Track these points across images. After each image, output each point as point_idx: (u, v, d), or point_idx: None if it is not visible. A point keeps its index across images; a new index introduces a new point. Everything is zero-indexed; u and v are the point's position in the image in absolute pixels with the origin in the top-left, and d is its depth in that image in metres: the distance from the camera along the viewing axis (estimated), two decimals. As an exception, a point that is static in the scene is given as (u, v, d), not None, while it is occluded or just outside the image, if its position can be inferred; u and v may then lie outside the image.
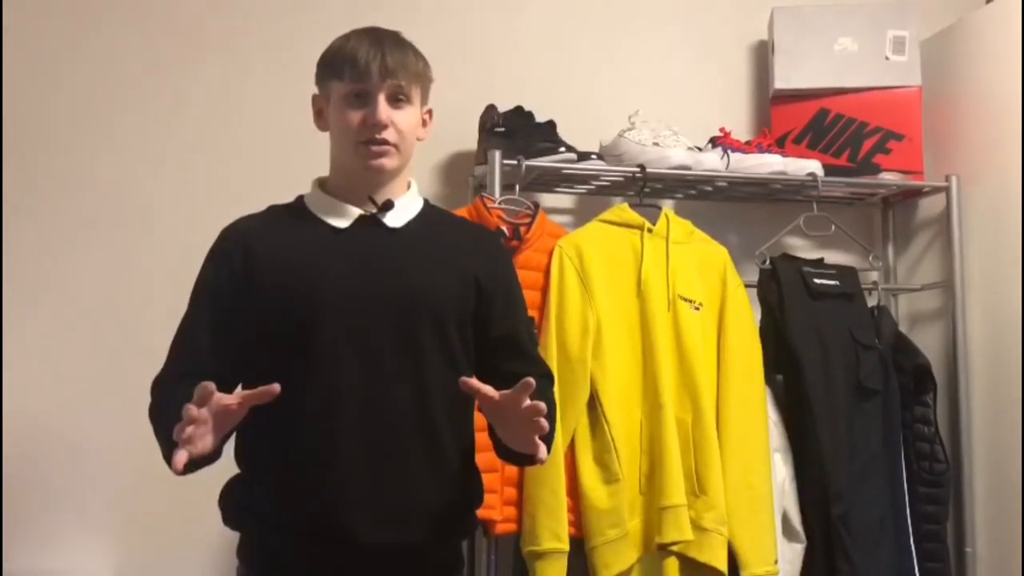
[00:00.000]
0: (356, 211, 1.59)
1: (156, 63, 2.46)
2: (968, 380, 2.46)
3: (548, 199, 2.59)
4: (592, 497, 2.10)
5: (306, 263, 1.54)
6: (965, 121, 2.54)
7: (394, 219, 1.60)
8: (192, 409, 1.29)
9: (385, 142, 1.54)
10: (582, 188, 2.56)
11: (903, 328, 2.61)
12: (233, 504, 1.55)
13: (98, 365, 2.33)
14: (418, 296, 1.54)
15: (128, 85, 2.44)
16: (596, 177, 2.44)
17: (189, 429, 1.29)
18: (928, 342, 2.54)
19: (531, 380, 1.34)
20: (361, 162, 1.55)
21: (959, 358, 2.46)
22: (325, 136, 1.65)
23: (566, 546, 2.07)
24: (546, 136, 2.37)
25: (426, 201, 1.69)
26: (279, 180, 1.93)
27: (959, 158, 2.55)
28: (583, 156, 2.37)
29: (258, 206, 1.68)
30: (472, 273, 1.60)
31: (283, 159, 2.42)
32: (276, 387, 1.33)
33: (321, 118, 1.64)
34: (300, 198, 1.66)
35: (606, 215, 2.34)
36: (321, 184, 1.65)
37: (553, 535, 2.06)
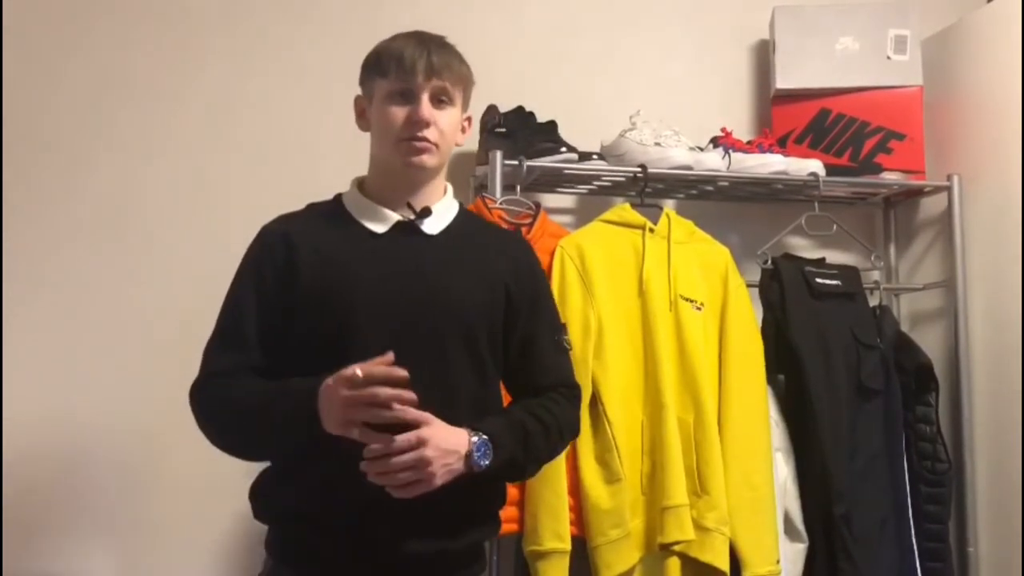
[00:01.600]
0: (395, 216, 1.60)
1: (157, 63, 2.46)
2: (970, 379, 2.45)
3: (549, 199, 2.59)
4: (594, 497, 2.10)
5: (344, 266, 1.55)
6: (966, 120, 2.54)
7: (431, 226, 1.62)
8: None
9: (427, 140, 1.55)
10: (583, 188, 2.56)
11: (905, 328, 2.61)
12: (265, 498, 1.56)
13: (101, 366, 2.32)
14: (451, 306, 1.56)
15: (129, 85, 2.44)
16: (597, 177, 2.44)
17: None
18: (930, 342, 2.54)
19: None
20: (402, 159, 1.56)
21: (961, 357, 2.46)
22: (327, 137, 1.66)
23: (568, 546, 2.07)
24: (547, 136, 2.37)
25: (461, 205, 1.70)
26: (280, 180, 1.94)
27: (960, 157, 2.55)
28: (584, 156, 2.37)
29: (259, 205, 1.68)
30: (503, 281, 1.62)
31: (284, 160, 2.41)
32: (390, 355, 1.39)
33: (363, 118, 1.65)
34: (339, 197, 1.67)
35: (607, 215, 2.33)
36: (359, 185, 1.66)
37: (555, 535, 2.06)
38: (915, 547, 2.33)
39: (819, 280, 2.41)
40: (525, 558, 2.09)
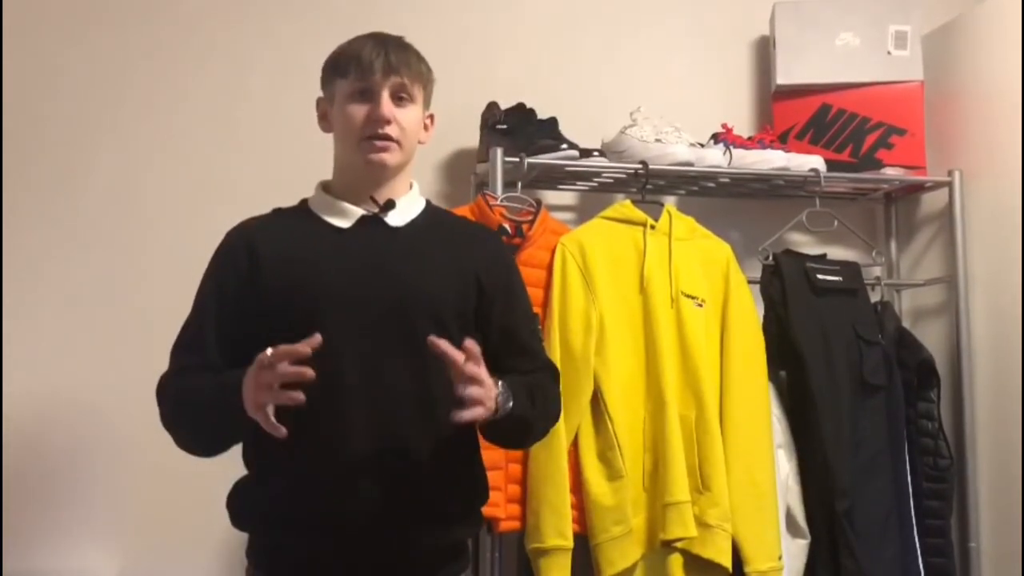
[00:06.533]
0: (358, 211, 1.60)
1: (158, 60, 2.46)
2: (971, 375, 2.45)
3: (550, 196, 2.58)
4: (596, 494, 2.10)
5: (308, 262, 1.55)
6: (967, 116, 2.54)
7: (396, 219, 1.62)
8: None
9: (388, 137, 1.56)
10: (584, 185, 2.56)
11: (906, 323, 2.60)
12: (242, 505, 1.55)
13: (102, 364, 2.32)
14: (419, 295, 1.55)
15: (130, 82, 2.44)
16: (598, 174, 2.44)
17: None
18: (931, 337, 2.54)
19: (471, 344, 1.37)
20: (363, 157, 1.57)
21: (962, 353, 2.46)
22: (327, 134, 1.66)
23: (570, 543, 2.07)
24: (548, 133, 2.37)
25: (428, 202, 1.70)
26: (280, 177, 1.94)
27: (961, 153, 2.54)
28: (585, 153, 2.37)
29: (260, 201, 1.68)
30: (473, 272, 1.61)
31: (284, 157, 2.42)
32: (318, 337, 1.35)
33: (325, 120, 1.65)
34: (304, 201, 1.67)
35: (608, 212, 2.33)
36: (324, 186, 1.66)
37: (557, 532, 2.07)
38: (917, 543, 2.34)
39: (820, 276, 2.41)
40: (527, 555, 2.09)
